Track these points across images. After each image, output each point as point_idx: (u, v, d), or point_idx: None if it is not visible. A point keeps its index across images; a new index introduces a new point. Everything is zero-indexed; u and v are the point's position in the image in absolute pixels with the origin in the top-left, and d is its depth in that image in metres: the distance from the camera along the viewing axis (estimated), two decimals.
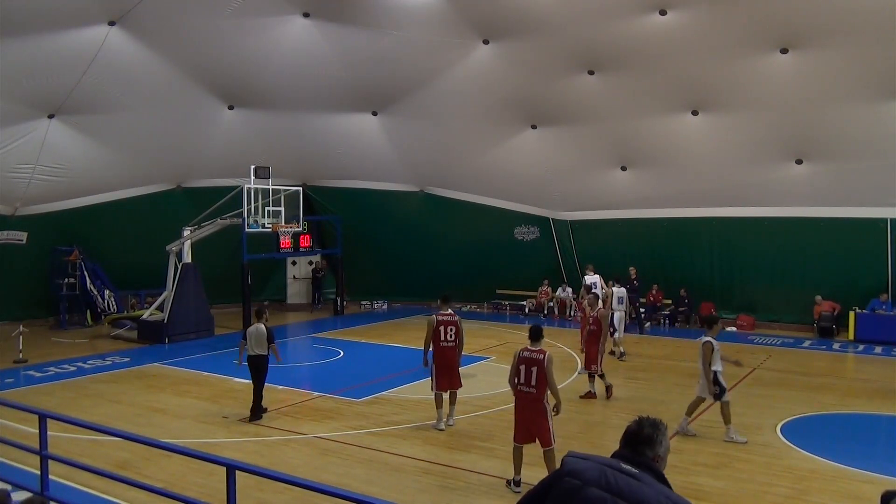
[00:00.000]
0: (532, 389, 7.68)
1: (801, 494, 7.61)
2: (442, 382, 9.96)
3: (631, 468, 2.88)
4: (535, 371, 7.67)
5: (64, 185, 19.01)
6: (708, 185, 18.86)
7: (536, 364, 7.68)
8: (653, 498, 2.78)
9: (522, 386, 7.77)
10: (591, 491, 2.82)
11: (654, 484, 2.85)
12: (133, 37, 16.30)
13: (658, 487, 2.85)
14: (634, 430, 3.05)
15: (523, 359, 7.80)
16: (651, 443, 2.99)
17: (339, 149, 21.98)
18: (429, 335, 10.10)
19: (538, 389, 7.66)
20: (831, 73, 15.37)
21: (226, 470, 4.95)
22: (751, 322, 19.30)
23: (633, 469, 2.87)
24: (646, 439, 3.00)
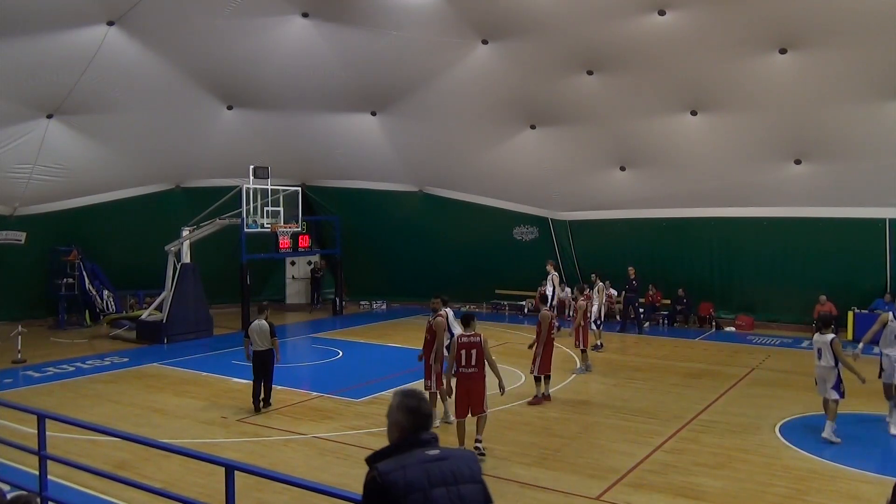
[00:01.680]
0: (474, 369, 8.68)
1: (799, 494, 7.62)
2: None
3: (437, 452, 2.98)
4: (475, 353, 8.65)
5: (63, 185, 19.00)
6: (707, 186, 18.86)
7: (475, 346, 8.67)
8: (472, 462, 3.09)
9: (464, 368, 8.70)
10: (436, 492, 2.87)
11: (456, 452, 3.07)
12: (132, 37, 16.29)
13: (455, 450, 3.11)
14: (427, 411, 3.10)
15: (463, 344, 8.72)
16: (432, 414, 3.11)
17: (338, 149, 21.98)
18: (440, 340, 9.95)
19: (479, 369, 8.69)
20: (830, 73, 15.38)
21: (225, 470, 4.95)
22: (750, 322, 19.31)
23: (438, 450, 2.99)
24: (430, 413, 3.11)
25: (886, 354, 9.73)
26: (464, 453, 3.20)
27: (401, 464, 2.89)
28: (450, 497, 2.90)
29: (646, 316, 19.89)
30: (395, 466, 2.87)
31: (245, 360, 11.54)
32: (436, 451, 3.00)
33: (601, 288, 16.90)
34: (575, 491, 7.68)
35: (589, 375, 13.70)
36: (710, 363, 14.87)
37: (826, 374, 9.33)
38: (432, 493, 2.87)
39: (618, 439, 9.60)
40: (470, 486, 3.02)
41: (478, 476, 3.09)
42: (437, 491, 2.88)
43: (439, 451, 3.00)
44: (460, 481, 2.98)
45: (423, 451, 2.96)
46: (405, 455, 2.94)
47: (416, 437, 3.00)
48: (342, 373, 14.50)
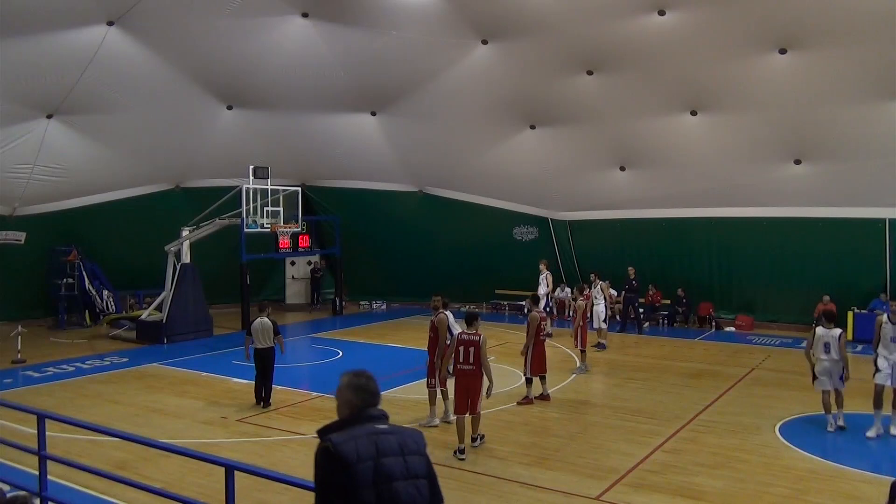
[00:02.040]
0: (471, 367, 8.88)
1: (799, 494, 7.62)
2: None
3: (386, 426, 3.19)
4: (473, 351, 8.84)
5: (62, 185, 18.99)
6: (706, 186, 18.87)
7: (473, 345, 8.87)
8: (418, 437, 3.29)
9: (462, 365, 8.93)
10: (384, 463, 3.07)
11: (403, 428, 3.28)
12: (132, 37, 16.27)
13: (404, 427, 3.32)
14: (375, 388, 3.28)
15: (462, 341, 8.99)
16: (379, 392, 3.32)
17: (337, 149, 21.97)
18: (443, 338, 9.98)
19: (475, 367, 8.86)
20: (830, 73, 15.38)
21: (224, 470, 4.95)
22: (749, 322, 19.31)
23: (386, 425, 3.20)
24: (377, 390, 3.31)
25: (884, 357, 9.56)
26: (411, 430, 3.37)
27: (351, 435, 3.08)
28: (398, 465, 3.10)
29: (646, 316, 19.89)
30: (347, 438, 3.06)
31: (244, 360, 11.57)
32: (384, 425, 3.21)
33: (604, 287, 16.85)
34: (575, 491, 7.69)
35: (589, 375, 13.71)
36: (710, 363, 14.88)
37: (834, 367, 9.66)
38: (381, 461, 3.06)
39: (618, 439, 9.61)
40: (416, 457, 3.20)
41: (423, 450, 3.28)
42: (387, 460, 3.08)
43: (388, 426, 3.21)
44: (407, 452, 3.17)
45: (372, 425, 3.16)
46: (355, 428, 3.13)
47: (366, 412, 3.20)
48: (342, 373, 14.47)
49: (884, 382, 9.47)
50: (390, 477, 3.06)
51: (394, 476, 3.07)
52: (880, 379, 9.50)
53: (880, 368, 9.52)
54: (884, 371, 9.48)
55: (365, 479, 3.00)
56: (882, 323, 9.59)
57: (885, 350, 9.53)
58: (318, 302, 24.48)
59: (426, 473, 3.23)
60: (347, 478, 2.99)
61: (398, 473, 3.09)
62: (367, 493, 3.00)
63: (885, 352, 9.52)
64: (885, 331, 9.52)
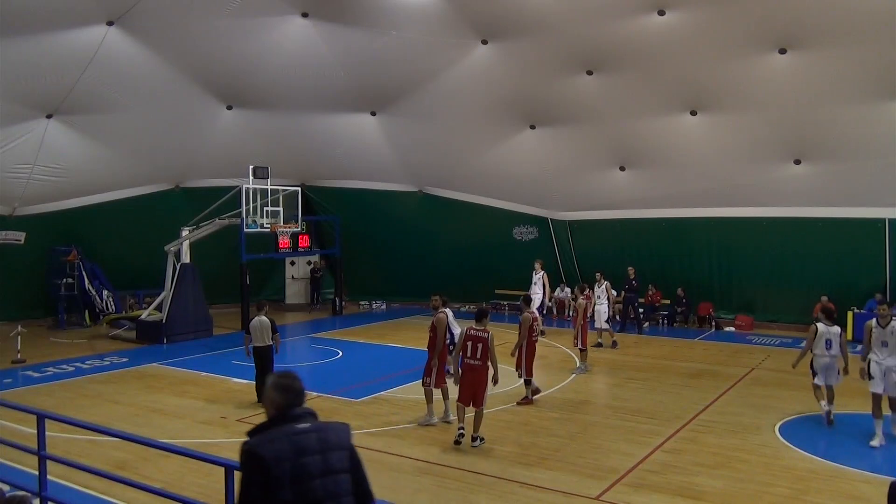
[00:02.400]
0: (478, 362, 9.16)
1: (799, 494, 7.62)
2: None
3: (308, 425, 3.29)
4: (481, 347, 9.14)
5: (62, 185, 18.99)
6: (706, 186, 18.87)
7: (482, 341, 9.16)
8: (342, 431, 3.41)
9: (469, 359, 9.20)
10: (303, 462, 3.18)
11: (327, 424, 3.39)
12: (131, 37, 16.27)
13: (329, 423, 3.43)
14: (299, 388, 3.39)
15: (470, 336, 9.26)
16: (304, 391, 3.41)
17: (337, 149, 21.97)
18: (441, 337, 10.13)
19: (482, 362, 9.14)
20: (830, 73, 15.38)
21: (224, 470, 4.96)
22: (749, 322, 19.31)
23: (309, 423, 3.30)
24: (302, 390, 3.41)
25: (876, 362, 9.30)
26: (336, 424, 3.46)
27: (269, 437, 3.20)
28: (316, 464, 3.20)
29: (645, 316, 19.89)
30: (264, 440, 3.19)
31: (245, 359, 11.66)
32: (307, 424, 3.29)
33: (608, 286, 16.84)
34: (575, 491, 7.69)
35: (589, 375, 13.71)
36: (710, 363, 14.88)
37: (834, 363, 10.07)
38: (300, 461, 3.17)
39: (617, 439, 9.61)
40: (337, 452, 3.31)
41: (346, 443, 3.38)
42: (305, 460, 3.18)
43: (310, 424, 3.30)
44: (328, 449, 3.27)
45: (293, 425, 3.26)
46: (277, 429, 3.24)
47: (289, 412, 3.30)
48: (342, 373, 14.50)
49: (878, 391, 9.22)
50: (308, 476, 3.17)
51: (312, 474, 3.18)
52: (874, 387, 9.27)
53: (873, 375, 9.27)
54: (876, 378, 9.24)
55: (282, 478, 3.12)
56: (871, 327, 9.39)
57: (876, 355, 9.30)
58: (317, 302, 24.47)
59: (349, 467, 3.35)
60: (266, 478, 3.11)
61: (316, 471, 3.20)
62: (285, 492, 3.11)
63: (876, 356, 9.30)
64: (875, 335, 9.33)
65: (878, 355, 9.27)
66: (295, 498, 3.14)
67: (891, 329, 9.18)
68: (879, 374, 9.19)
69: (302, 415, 3.33)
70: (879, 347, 9.27)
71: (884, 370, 9.16)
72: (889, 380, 9.14)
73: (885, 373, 9.15)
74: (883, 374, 9.16)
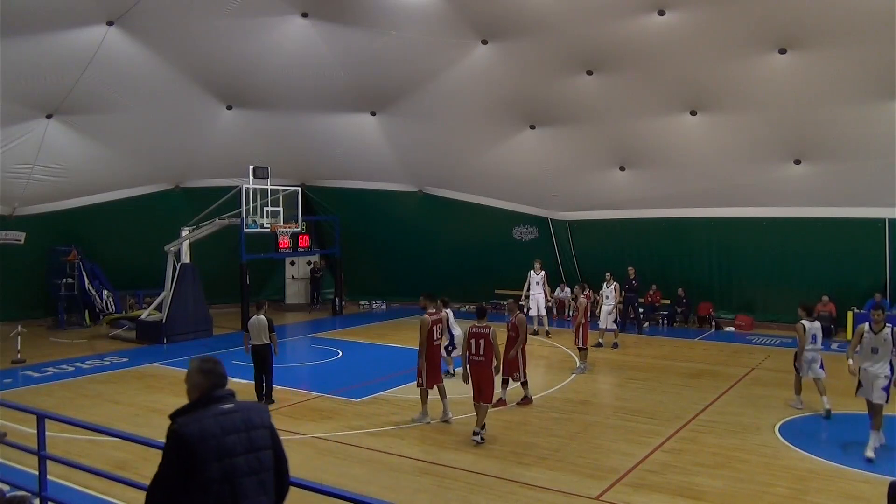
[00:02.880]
0: (481, 358, 9.46)
1: (799, 494, 7.62)
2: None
3: (231, 406, 3.56)
4: (483, 343, 9.44)
5: (62, 185, 18.99)
6: (706, 186, 18.86)
7: (483, 337, 9.47)
8: (263, 411, 3.72)
9: (474, 356, 9.51)
10: (227, 440, 3.43)
11: (248, 405, 3.69)
12: (131, 37, 16.27)
13: (250, 403, 3.75)
14: (222, 371, 3.68)
15: (473, 333, 9.58)
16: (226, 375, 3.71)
17: (337, 149, 21.97)
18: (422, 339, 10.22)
19: (486, 357, 9.44)
20: (830, 73, 15.38)
21: None
22: (749, 322, 19.31)
23: (232, 404, 3.57)
24: (224, 373, 3.69)
25: (864, 368, 8.89)
26: (255, 405, 3.77)
27: (196, 417, 3.43)
28: (241, 441, 3.47)
29: (645, 316, 19.89)
30: (191, 420, 3.41)
31: (246, 356, 11.73)
32: (230, 405, 3.56)
33: (617, 288, 16.78)
34: (575, 491, 7.69)
35: (589, 375, 13.71)
36: (710, 363, 14.88)
37: (818, 356, 10.73)
38: (225, 439, 3.41)
39: (617, 439, 9.61)
40: (259, 430, 3.59)
41: (266, 422, 3.67)
42: (230, 438, 3.43)
43: (233, 405, 3.57)
44: (251, 428, 3.54)
45: (217, 406, 3.51)
46: (202, 410, 3.48)
47: (213, 394, 3.56)
48: (342, 373, 14.50)
49: (868, 397, 8.84)
50: (233, 452, 3.43)
51: (236, 451, 3.44)
52: (864, 394, 8.90)
53: (862, 384, 8.92)
54: (865, 388, 8.88)
55: (209, 455, 3.34)
56: (863, 332, 8.93)
57: (866, 361, 8.88)
58: (317, 302, 24.47)
59: (270, 444, 3.64)
60: (192, 456, 3.32)
61: (241, 448, 3.46)
62: (211, 467, 3.35)
63: (866, 363, 8.87)
64: (866, 340, 8.86)
65: (868, 361, 8.86)
66: (221, 474, 3.37)
67: (883, 336, 8.74)
68: (867, 382, 8.84)
69: (225, 396, 3.59)
70: (868, 354, 8.85)
71: (871, 377, 8.77)
72: (874, 386, 8.72)
73: (872, 381, 8.76)
74: (871, 382, 8.79)
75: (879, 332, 8.79)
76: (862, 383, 8.91)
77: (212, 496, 3.35)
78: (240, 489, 3.43)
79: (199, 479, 3.32)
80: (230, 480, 3.41)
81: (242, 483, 3.45)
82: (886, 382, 8.67)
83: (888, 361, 8.74)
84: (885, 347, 8.74)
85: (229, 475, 3.41)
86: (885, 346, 8.73)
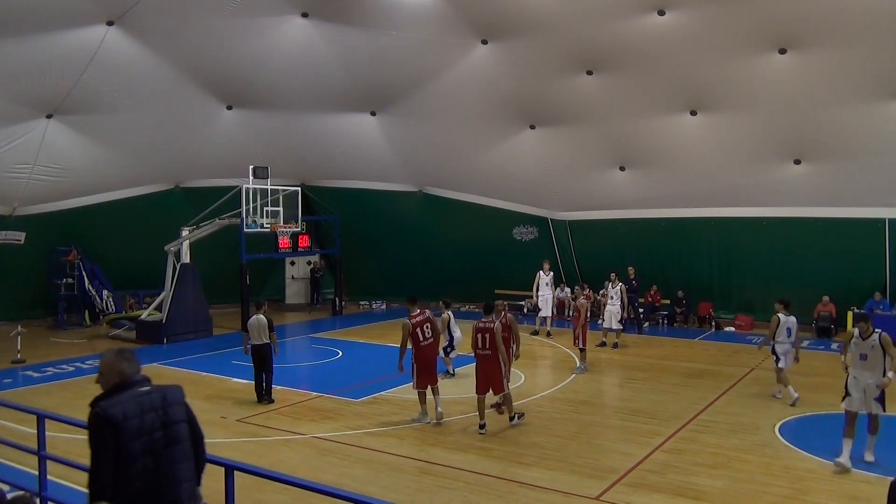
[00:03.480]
0: (487, 352, 9.87)
1: (799, 494, 7.62)
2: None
3: (148, 388, 4.00)
4: (488, 337, 9.83)
5: (62, 185, 18.99)
6: (706, 186, 18.86)
7: (488, 332, 9.85)
8: (178, 391, 4.20)
9: (480, 350, 9.92)
10: (147, 418, 3.86)
11: (163, 386, 4.12)
12: (131, 37, 16.28)
13: (165, 385, 4.15)
14: (137, 359, 4.08)
15: (478, 328, 9.97)
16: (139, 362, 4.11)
17: (337, 149, 21.98)
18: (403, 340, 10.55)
19: (492, 351, 9.83)
20: (830, 73, 15.38)
21: (224, 470, 4.94)
22: (749, 322, 19.30)
23: (148, 387, 4.01)
24: (139, 360, 4.09)
25: (855, 377, 8.46)
26: (170, 386, 4.19)
27: (118, 400, 3.82)
28: (158, 418, 3.93)
29: (645, 316, 19.89)
30: (114, 402, 3.80)
31: (244, 356, 11.76)
32: (146, 387, 4.00)
33: (623, 288, 16.73)
34: (575, 491, 7.69)
35: (589, 375, 13.71)
36: (710, 363, 14.88)
37: (791, 349, 11.43)
38: (144, 418, 3.85)
39: (617, 439, 9.61)
40: (175, 407, 4.07)
41: (181, 400, 4.17)
42: (149, 416, 3.87)
43: (149, 388, 4.00)
44: (167, 405, 4.01)
45: (135, 389, 3.94)
46: (122, 394, 3.87)
47: (131, 379, 3.96)
48: (342, 373, 14.50)
49: (854, 409, 8.41)
50: (152, 428, 3.88)
51: (155, 426, 3.90)
52: (850, 405, 8.44)
53: (850, 393, 8.45)
54: (855, 397, 8.41)
55: (131, 433, 3.76)
56: (852, 336, 8.60)
57: (854, 369, 8.50)
58: (317, 302, 24.48)
59: (186, 418, 4.13)
60: (116, 435, 3.72)
61: (159, 423, 3.92)
62: (134, 444, 3.76)
63: (855, 371, 8.49)
64: (854, 347, 8.53)
65: (857, 369, 8.48)
66: (143, 447, 3.82)
67: (871, 342, 8.37)
68: (858, 391, 8.41)
69: (142, 380, 4.02)
70: (857, 361, 8.48)
71: (862, 388, 8.37)
72: (867, 397, 8.36)
73: (864, 391, 8.37)
74: (862, 394, 8.37)
75: (868, 339, 8.45)
76: (850, 392, 8.47)
77: (137, 467, 3.78)
78: (162, 459, 3.91)
79: (124, 455, 3.74)
80: (152, 452, 3.87)
81: (163, 454, 3.92)
82: (879, 392, 8.34)
83: (881, 370, 8.34)
84: (873, 354, 8.37)
85: (151, 448, 3.86)
86: (873, 353, 8.38)
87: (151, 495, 3.86)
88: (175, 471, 3.97)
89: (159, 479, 3.89)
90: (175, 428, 4.03)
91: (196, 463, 4.19)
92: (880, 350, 8.35)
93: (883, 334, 8.42)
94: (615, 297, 16.45)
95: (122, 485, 3.75)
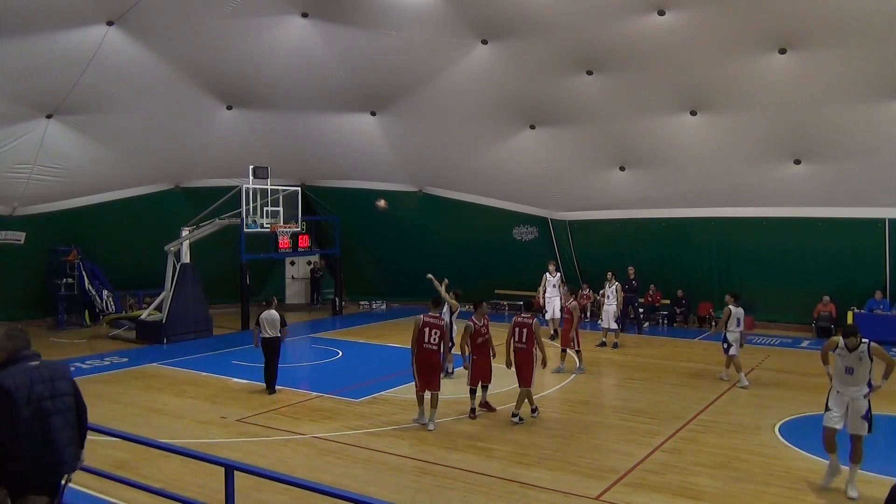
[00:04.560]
0: (524, 345, 10.38)
1: (799, 494, 7.62)
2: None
3: (37, 363, 4.68)
4: (526, 332, 10.37)
5: (62, 185, 18.98)
6: (706, 186, 18.87)
7: (527, 327, 10.40)
8: (64, 366, 4.91)
9: (517, 343, 10.41)
10: (35, 388, 4.55)
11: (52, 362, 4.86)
12: (131, 37, 16.27)
13: (54, 361, 4.91)
14: (27, 336, 4.83)
15: (517, 323, 10.53)
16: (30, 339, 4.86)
17: (337, 149, 21.96)
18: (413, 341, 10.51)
19: (528, 345, 10.35)
20: (830, 73, 15.38)
21: (224, 470, 4.96)
22: (749, 322, 19.22)
23: (38, 362, 4.70)
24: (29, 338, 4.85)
25: (837, 391, 7.76)
26: (58, 363, 4.92)
27: (10, 373, 4.51)
28: (46, 389, 4.61)
29: (645, 316, 19.88)
30: (6, 374, 4.50)
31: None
32: (36, 362, 4.68)
33: (619, 287, 16.72)
34: (575, 491, 7.69)
35: (589, 375, 13.72)
36: (710, 363, 14.86)
37: (739, 337, 12.87)
38: (34, 388, 4.54)
39: (617, 439, 9.61)
40: (61, 381, 4.75)
41: (67, 374, 4.87)
42: (38, 387, 4.56)
43: (38, 363, 4.70)
44: (55, 379, 4.70)
45: (26, 363, 4.62)
46: (13, 366, 4.56)
47: (21, 354, 4.64)
48: (342, 373, 14.50)
49: (837, 427, 7.67)
50: (41, 397, 4.56)
51: (43, 396, 4.57)
52: (830, 421, 7.70)
53: (830, 408, 7.74)
54: (834, 413, 7.69)
55: (21, 401, 4.45)
56: (836, 344, 7.80)
57: (838, 383, 7.77)
58: (317, 302, 24.48)
59: (71, 391, 4.81)
60: (9, 402, 4.41)
61: (47, 394, 4.60)
62: (24, 410, 4.46)
63: (838, 385, 7.76)
64: (840, 359, 7.76)
65: (840, 383, 7.75)
66: (32, 414, 4.49)
67: (858, 354, 7.58)
68: (840, 408, 7.68)
69: (31, 356, 4.69)
70: (842, 374, 7.72)
71: (846, 403, 7.66)
72: (852, 414, 7.63)
73: (847, 407, 7.65)
74: (845, 409, 7.65)
75: (855, 350, 7.60)
76: (831, 408, 7.74)
77: (25, 431, 4.46)
78: (47, 424, 4.57)
79: (15, 419, 4.41)
80: (39, 419, 4.53)
81: (49, 420, 4.58)
82: (866, 409, 7.60)
83: (867, 383, 7.63)
84: (860, 367, 7.60)
85: (38, 414, 4.53)
86: (860, 366, 7.60)
87: (38, 456, 4.51)
88: (60, 437, 4.62)
89: (45, 443, 4.55)
90: (62, 399, 4.69)
91: (79, 431, 4.87)
92: (868, 362, 7.59)
93: (872, 343, 7.63)
94: (612, 296, 16.45)
95: (11, 446, 4.41)
